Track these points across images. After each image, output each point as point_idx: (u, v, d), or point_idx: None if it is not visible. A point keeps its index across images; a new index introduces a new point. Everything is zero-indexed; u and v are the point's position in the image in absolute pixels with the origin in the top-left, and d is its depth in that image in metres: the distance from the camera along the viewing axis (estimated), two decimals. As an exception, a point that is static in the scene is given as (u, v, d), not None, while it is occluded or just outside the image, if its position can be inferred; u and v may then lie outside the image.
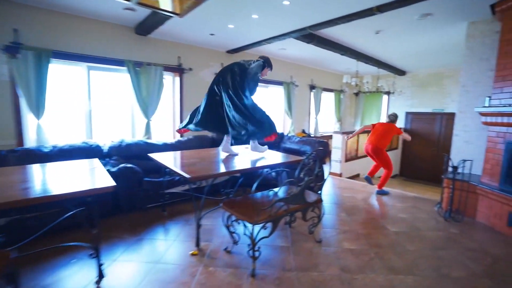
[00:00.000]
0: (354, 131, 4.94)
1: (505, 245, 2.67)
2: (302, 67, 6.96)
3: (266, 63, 2.72)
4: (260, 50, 5.31)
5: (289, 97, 6.60)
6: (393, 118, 4.32)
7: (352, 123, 9.15)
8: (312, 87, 7.28)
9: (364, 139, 6.23)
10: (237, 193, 3.00)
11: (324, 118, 8.20)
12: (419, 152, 7.81)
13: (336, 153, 5.67)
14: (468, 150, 3.82)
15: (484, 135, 3.60)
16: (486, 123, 3.27)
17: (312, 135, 7.28)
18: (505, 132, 3.10)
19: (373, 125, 4.32)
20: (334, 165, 5.67)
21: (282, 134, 4.81)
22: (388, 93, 8.05)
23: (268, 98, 6.46)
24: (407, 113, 8.06)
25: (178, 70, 4.70)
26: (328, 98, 8.34)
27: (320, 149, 3.75)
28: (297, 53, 5.67)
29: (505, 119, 2.99)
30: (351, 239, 2.70)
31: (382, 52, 5.48)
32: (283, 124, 6.83)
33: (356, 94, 9.03)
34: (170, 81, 4.78)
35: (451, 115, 7.17)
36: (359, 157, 6.20)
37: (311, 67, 7.25)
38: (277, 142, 4.61)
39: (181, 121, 4.62)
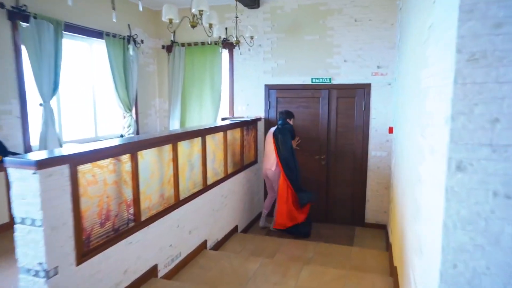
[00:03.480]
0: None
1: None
2: None
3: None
4: None
5: None
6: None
7: (164, 113, 5.77)
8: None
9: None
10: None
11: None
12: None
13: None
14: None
15: None
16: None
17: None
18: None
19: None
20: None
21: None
22: (230, 45, 5.07)
23: None
24: (268, 87, 5.34)
25: None
26: (95, 55, 4.55)
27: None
28: None
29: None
30: None
31: None
32: None
33: (168, 48, 5.62)
34: None
35: (349, 91, 4.99)
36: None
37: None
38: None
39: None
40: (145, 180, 2.94)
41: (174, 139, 3.31)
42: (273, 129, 4.81)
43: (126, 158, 2.73)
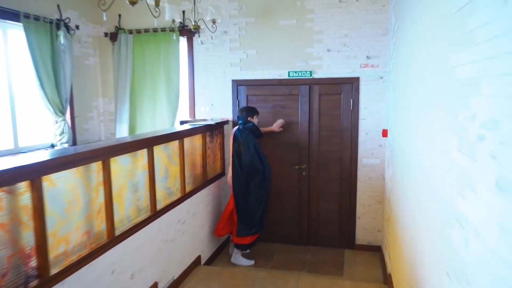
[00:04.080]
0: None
1: None
2: None
3: None
4: None
5: None
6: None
7: (110, 116, 4.97)
8: None
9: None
10: None
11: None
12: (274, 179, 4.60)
13: None
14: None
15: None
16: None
17: None
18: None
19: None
20: None
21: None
22: (189, 32, 4.37)
23: None
24: (237, 84, 4.66)
25: None
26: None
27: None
28: None
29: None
30: None
31: None
32: None
33: (113, 36, 4.82)
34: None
35: (334, 87, 4.37)
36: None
37: None
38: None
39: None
40: (57, 215, 2.18)
41: (104, 154, 2.56)
42: (234, 129, 4.16)
43: (23, 187, 1.97)
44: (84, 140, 4.72)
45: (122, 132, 4.78)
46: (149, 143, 3.08)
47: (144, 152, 3.03)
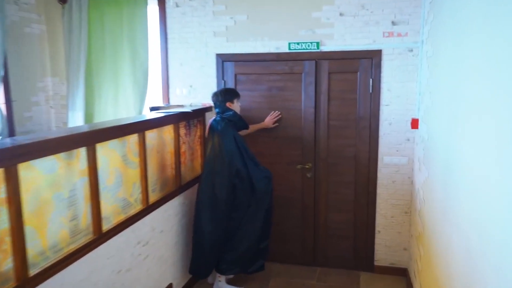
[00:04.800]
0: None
1: None
2: None
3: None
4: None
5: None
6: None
7: (62, 101, 4.20)
8: None
9: None
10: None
11: None
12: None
13: None
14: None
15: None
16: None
17: None
18: None
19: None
20: None
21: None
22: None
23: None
24: (222, 59, 3.88)
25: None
26: None
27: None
28: None
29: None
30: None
31: None
32: None
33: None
34: None
35: (348, 63, 3.58)
36: None
37: None
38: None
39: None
40: None
41: (8, 158, 1.79)
42: (211, 120, 3.40)
43: None
44: (26, 131, 3.94)
45: (76, 122, 4.02)
46: (89, 139, 2.31)
47: (81, 152, 2.27)
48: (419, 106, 3.36)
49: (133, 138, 2.76)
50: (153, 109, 3.92)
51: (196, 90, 3.99)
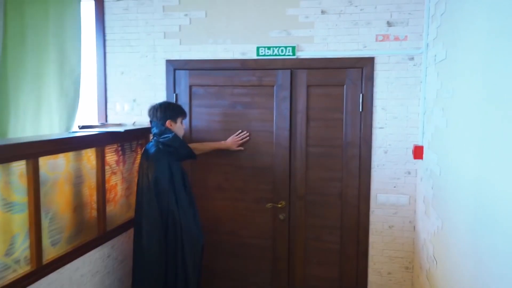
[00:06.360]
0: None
1: None
2: None
3: None
4: None
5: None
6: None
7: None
8: None
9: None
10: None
11: None
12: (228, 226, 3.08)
13: None
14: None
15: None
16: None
17: None
18: None
19: None
20: None
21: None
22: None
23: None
24: (173, 67, 3.09)
25: None
26: None
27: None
28: None
29: None
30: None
31: None
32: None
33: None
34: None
35: (332, 74, 2.80)
36: None
37: None
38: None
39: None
40: None
41: None
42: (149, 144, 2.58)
43: None
44: None
45: (-17, 143, 3.11)
46: None
47: None
48: (424, 130, 2.59)
49: (18, 167, 1.89)
50: (82, 127, 3.07)
51: (140, 105, 3.16)
